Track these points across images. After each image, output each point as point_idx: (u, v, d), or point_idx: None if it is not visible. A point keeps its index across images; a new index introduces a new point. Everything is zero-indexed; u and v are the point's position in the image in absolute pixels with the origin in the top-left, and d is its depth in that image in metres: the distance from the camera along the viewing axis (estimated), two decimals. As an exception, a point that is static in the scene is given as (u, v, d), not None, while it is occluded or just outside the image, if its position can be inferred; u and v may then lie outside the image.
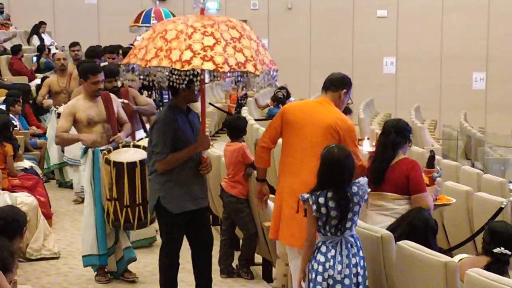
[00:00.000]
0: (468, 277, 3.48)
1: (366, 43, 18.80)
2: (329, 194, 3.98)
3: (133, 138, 6.27)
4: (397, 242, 4.01)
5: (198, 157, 4.81)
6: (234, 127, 6.01)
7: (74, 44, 11.07)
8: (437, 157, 9.35)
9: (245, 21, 19.64)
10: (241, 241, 6.26)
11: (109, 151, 5.62)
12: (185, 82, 4.25)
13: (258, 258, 6.31)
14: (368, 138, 5.71)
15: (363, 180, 4.06)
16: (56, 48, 15.24)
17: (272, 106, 14.56)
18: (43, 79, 12.15)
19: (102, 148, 5.72)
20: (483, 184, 7.24)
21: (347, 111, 6.91)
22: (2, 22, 16.57)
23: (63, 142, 6.06)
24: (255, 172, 5.85)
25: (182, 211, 4.78)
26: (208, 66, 4.18)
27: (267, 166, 4.89)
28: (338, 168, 3.98)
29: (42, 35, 16.12)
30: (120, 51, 10.60)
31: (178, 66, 4.17)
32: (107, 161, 5.53)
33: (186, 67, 4.16)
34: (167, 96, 9.59)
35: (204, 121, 4.83)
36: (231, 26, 4.38)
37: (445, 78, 18.88)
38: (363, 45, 18.83)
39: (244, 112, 12.43)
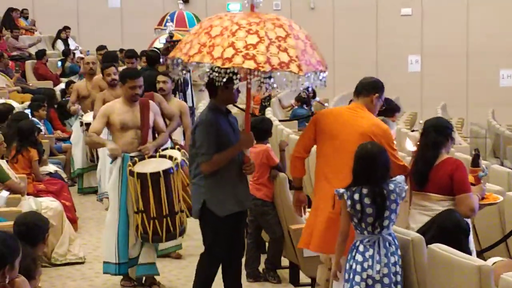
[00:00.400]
0: (503, 282, 3.35)
1: (390, 41, 18.59)
2: (364, 191, 3.97)
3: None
4: (429, 246, 3.89)
5: (240, 158, 4.75)
6: (259, 129, 5.92)
7: (101, 48, 11.03)
8: (464, 156, 9.19)
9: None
10: (267, 244, 6.17)
11: (134, 163, 5.53)
12: (224, 80, 4.19)
13: (284, 262, 6.23)
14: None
15: (400, 177, 4.04)
16: (81, 52, 15.27)
17: (296, 107, 14.47)
18: (67, 83, 12.21)
19: (132, 154, 5.64)
20: (513, 184, 7.06)
21: (396, 109, 6.68)
22: (27, 28, 16.66)
23: (92, 143, 5.96)
24: (280, 174, 5.79)
25: (228, 214, 4.71)
26: (249, 64, 4.08)
27: (302, 176, 4.83)
28: (372, 163, 3.98)
29: (67, 39, 16.18)
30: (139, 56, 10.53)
31: (219, 63, 4.10)
32: (131, 173, 5.46)
33: (227, 65, 4.08)
34: (191, 99, 9.51)
35: (248, 119, 4.77)
36: (278, 24, 4.28)
37: (472, 75, 18.62)
38: (387, 43, 18.63)
39: (268, 112, 12.33)
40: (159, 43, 12.36)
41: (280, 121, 11.92)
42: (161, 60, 9.32)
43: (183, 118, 7.33)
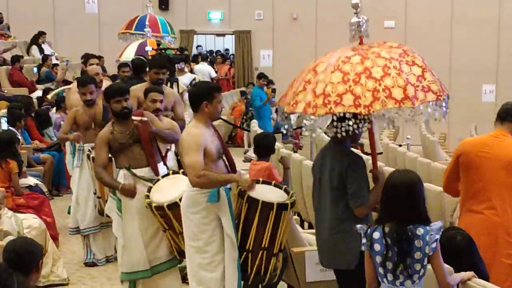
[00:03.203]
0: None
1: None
2: (386, 229, 3.47)
3: (156, 174, 5.33)
4: (468, 282, 3.53)
5: None
6: (262, 145, 5.58)
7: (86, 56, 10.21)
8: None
9: (249, 31, 19.24)
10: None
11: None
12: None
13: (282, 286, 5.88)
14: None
15: (436, 224, 3.51)
16: (57, 59, 14.81)
17: (279, 120, 14.22)
18: (44, 91, 11.73)
19: (228, 186, 4.71)
20: None
21: None
22: (1, 33, 16.13)
23: (209, 183, 4.56)
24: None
25: None
26: (431, 97, 3.89)
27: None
28: (398, 195, 3.48)
29: (42, 45, 15.68)
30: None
31: (408, 104, 3.82)
32: (241, 195, 4.60)
33: (417, 103, 3.84)
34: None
35: (375, 157, 4.54)
36: (413, 50, 4.15)
37: (455, 91, 18.51)
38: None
39: (254, 125, 12.03)
40: (131, 51, 11.61)
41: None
42: (147, 68, 8.84)
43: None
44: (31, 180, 7.58)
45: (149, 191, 5.11)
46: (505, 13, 18.31)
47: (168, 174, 5.29)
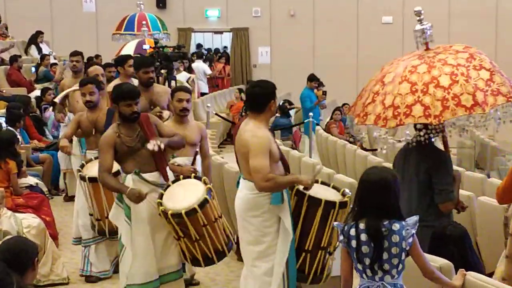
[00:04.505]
0: None
1: (372, 49, 18.37)
2: (361, 225, 3.44)
3: (166, 179, 5.11)
4: (466, 276, 3.53)
5: None
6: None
7: (75, 54, 10.13)
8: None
9: (246, 28, 19.23)
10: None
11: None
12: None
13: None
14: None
15: (412, 219, 3.47)
16: (55, 58, 14.79)
17: (278, 115, 14.21)
18: (43, 90, 11.71)
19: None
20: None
21: None
22: (-1, 32, 16.14)
23: (276, 187, 4.43)
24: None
25: None
26: (501, 100, 3.94)
27: None
28: (373, 191, 3.42)
29: (40, 44, 15.67)
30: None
31: (479, 110, 3.87)
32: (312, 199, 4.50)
33: (487, 109, 3.89)
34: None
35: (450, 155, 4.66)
36: (478, 52, 4.17)
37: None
38: (369, 52, 18.39)
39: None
40: (129, 50, 11.61)
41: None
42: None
43: (203, 143, 5.91)
44: (31, 180, 7.58)
45: (160, 197, 4.91)
46: (502, 7, 18.32)
47: (178, 179, 5.11)
